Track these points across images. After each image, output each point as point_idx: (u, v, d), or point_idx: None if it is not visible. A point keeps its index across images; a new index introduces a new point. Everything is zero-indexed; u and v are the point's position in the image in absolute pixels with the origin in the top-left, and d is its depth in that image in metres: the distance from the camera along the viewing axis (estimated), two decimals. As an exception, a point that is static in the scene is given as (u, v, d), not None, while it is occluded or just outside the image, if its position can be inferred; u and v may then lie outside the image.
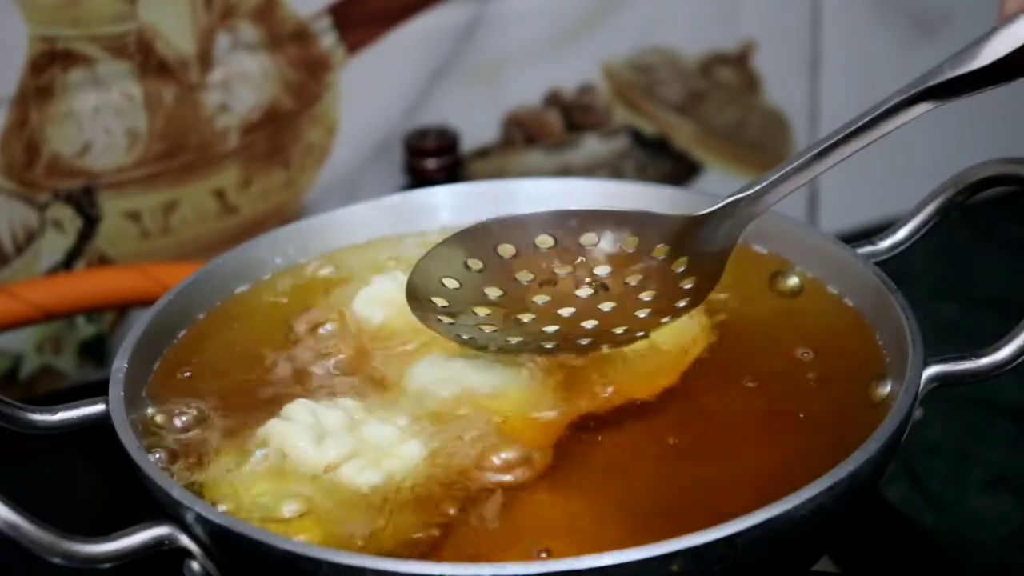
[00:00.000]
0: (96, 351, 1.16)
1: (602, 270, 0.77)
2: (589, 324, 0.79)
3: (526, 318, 0.78)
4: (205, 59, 1.12)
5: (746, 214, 0.78)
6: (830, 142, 0.77)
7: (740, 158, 1.33)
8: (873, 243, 0.85)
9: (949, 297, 1.29)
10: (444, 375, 0.80)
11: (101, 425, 0.76)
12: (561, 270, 0.77)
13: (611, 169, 1.28)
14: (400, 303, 0.84)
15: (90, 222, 1.13)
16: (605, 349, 0.80)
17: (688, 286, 0.78)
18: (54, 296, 1.04)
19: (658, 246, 0.77)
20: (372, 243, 0.91)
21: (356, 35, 1.17)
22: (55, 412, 0.77)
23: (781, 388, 0.79)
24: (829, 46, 1.32)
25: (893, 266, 0.83)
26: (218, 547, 0.69)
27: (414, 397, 0.79)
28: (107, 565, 0.69)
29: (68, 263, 1.13)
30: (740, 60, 1.30)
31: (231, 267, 0.88)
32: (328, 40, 1.16)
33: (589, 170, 1.27)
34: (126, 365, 0.79)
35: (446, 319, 0.78)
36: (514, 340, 0.79)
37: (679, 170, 1.31)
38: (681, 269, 0.78)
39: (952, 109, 1.41)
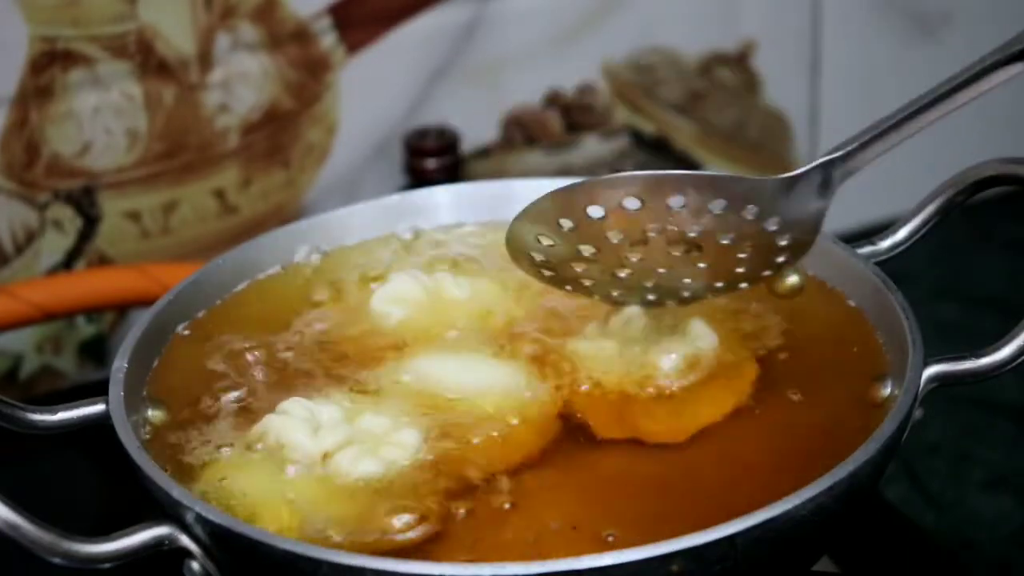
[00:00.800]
0: (96, 351, 1.16)
1: (693, 230, 0.77)
2: (687, 279, 0.80)
3: (623, 273, 0.80)
4: (205, 59, 1.12)
5: (838, 174, 0.78)
6: (926, 100, 0.78)
7: (740, 158, 1.33)
8: (873, 243, 0.85)
9: (949, 297, 1.29)
10: (445, 373, 0.80)
11: (101, 425, 0.76)
12: (651, 230, 0.78)
13: (611, 169, 1.28)
14: (417, 301, 0.85)
15: (90, 222, 1.13)
16: (710, 297, 0.81)
17: (784, 243, 0.79)
18: (54, 296, 1.04)
19: (747, 207, 0.77)
20: (372, 243, 0.91)
21: (356, 35, 1.17)
22: (55, 412, 0.77)
23: (780, 388, 0.79)
24: (829, 46, 1.32)
25: (893, 266, 0.83)
26: (218, 547, 0.70)
27: (412, 394, 0.79)
28: (107, 565, 0.69)
29: (68, 263, 1.13)
30: (740, 60, 1.30)
31: (231, 267, 0.88)
32: (328, 40, 1.16)
33: (589, 170, 1.27)
34: (126, 365, 0.79)
35: (547, 272, 0.81)
36: (616, 292, 0.81)
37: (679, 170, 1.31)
38: (774, 228, 0.78)
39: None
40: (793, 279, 0.85)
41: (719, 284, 0.80)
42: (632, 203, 0.77)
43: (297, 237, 0.90)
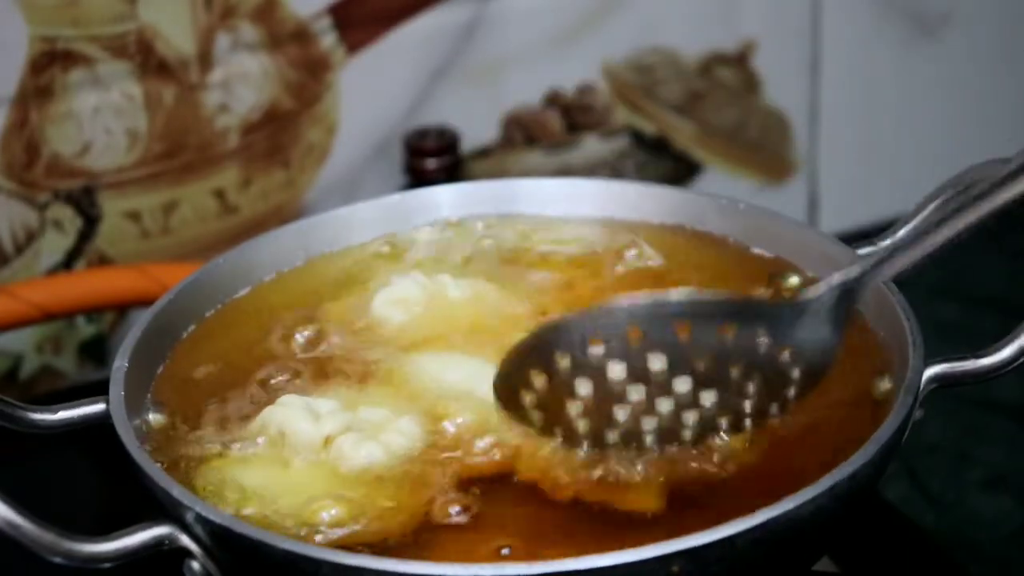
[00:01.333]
0: (96, 351, 1.16)
1: (700, 361, 0.72)
2: (691, 418, 0.73)
3: (621, 414, 0.73)
4: (205, 59, 1.12)
5: (853, 296, 0.73)
6: (952, 208, 0.72)
7: (740, 158, 1.33)
8: (873, 243, 0.85)
9: (949, 297, 1.29)
10: (444, 376, 0.80)
11: (101, 424, 0.76)
12: (655, 363, 0.71)
13: (611, 169, 1.28)
14: (418, 304, 0.85)
15: (90, 222, 1.13)
16: (714, 440, 0.74)
17: (796, 374, 0.73)
18: (54, 296, 1.04)
19: (760, 333, 0.72)
20: (372, 243, 0.91)
21: (356, 35, 1.17)
22: (56, 411, 0.77)
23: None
24: (829, 46, 1.32)
25: (893, 266, 0.83)
26: (218, 547, 0.70)
27: (410, 394, 0.79)
28: (107, 565, 0.69)
29: (68, 263, 1.13)
30: (740, 60, 1.30)
31: (231, 267, 0.88)
32: (328, 40, 1.16)
33: (589, 170, 1.27)
34: (126, 364, 0.79)
35: (536, 415, 0.73)
36: (611, 436, 0.73)
37: (679, 170, 1.31)
38: (786, 357, 0.72)
39: (953, 110, 1.41)
40: (794, 280, 0.85)
41: (723, 423, 0.73)
42: (636, 332, 0.71)
43: (297, 237, 0.90)
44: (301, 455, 0.75)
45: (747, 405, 0.73)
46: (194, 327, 0.85)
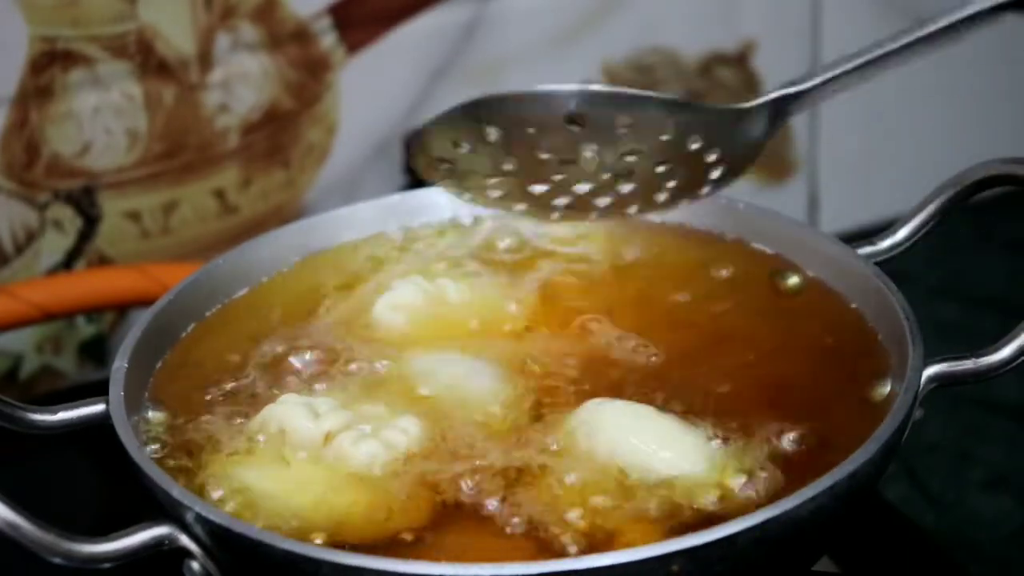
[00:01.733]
0: (96, 351, 1.16)
1: (630, 154, 0.74)
2: (603, 201, 0.76)
3: (538, 190, 0.76)
4: (205, 59, 1.12)
5: (789, 110, 0.77)
6: (889, 48, 0.78)
7: (740, 158, 1.33)
8: (873, 243, 0.85)
9: (949, 297, 1.29)
10: (442, 378, 0.80)
11: (101, 425, 0.76)
12: (586, 151, 0.74)
13: (611, 169, 1.28)
14: (419, 309, 0.85)
15: (90, 222, 1.13)
16: (617, 215, 0.78)
17: (715, 175, 0.77)
18: (54, 296, 1.04)
19: (693, 137, 0.75)
20: (372, 243, 0.91)
21: (356, 35, 1.17)
22: (55, 412, 0.77)
23: (781, 388, 0.79)
24: (829, 46, 1.31)
25: (893, 266, 0.83)
26: (218, 547, 0.70)
27: (408, 397, 0.79)
28: (107, 565, 0.70)
29: (68, 263, 1.13)
30: (740, 60, 1.30)
31: (231, 267, 0.88)
32: (328, 40, 1.16)
33: (589, 170, 1.27)
34: (126, 365, 0.79)
35: (449, 177, 0.76)
36: (519, 206, 0.77)
37: (679, 170, 1.31)
38: (712, 158, 0.76)
39: (953, 110, 1.41)
40: (794, 279, 0.85)
41: (634, 207, 0.78)
42: (575, 116, 0.73)
43: (297, 237, 0.90)
44: (301, 452, 0.75)
45: (663, 196, 0.76)
46: (194, 327, 0.85)
